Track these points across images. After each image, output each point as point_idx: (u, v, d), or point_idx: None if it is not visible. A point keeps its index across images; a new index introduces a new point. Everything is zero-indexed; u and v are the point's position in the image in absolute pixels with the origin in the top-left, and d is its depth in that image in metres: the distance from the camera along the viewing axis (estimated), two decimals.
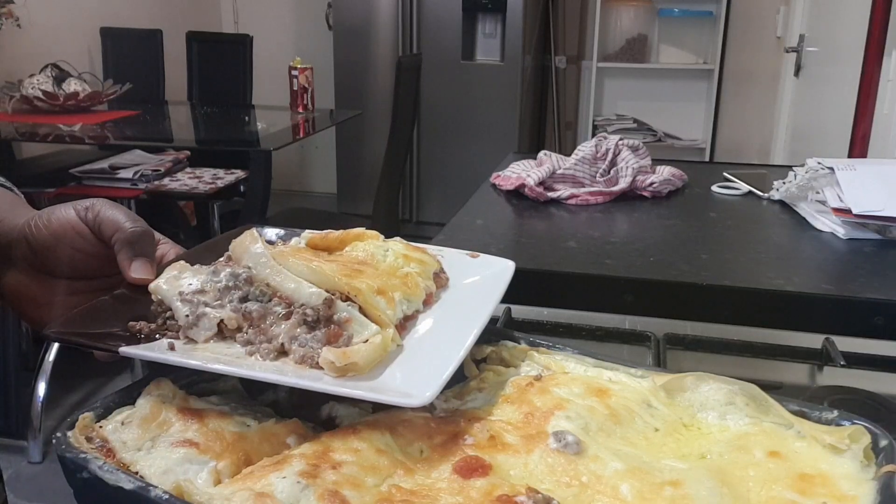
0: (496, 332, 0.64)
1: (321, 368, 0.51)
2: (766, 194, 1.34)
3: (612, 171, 1.35)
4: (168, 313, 0.55)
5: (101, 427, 0.49)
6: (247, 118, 3.52)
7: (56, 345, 2.28)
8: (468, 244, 0.76)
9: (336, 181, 4.37)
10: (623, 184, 1.33)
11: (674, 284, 0.96)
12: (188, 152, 3.12)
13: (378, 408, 0.54)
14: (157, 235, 0.63)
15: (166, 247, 0.63)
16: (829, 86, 2.73)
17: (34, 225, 0.60)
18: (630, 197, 1.34)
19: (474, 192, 1.38)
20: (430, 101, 4.04)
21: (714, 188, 1.40)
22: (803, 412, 0.53)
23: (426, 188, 4.25)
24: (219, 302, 0.55)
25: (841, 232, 1.12)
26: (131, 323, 0.54)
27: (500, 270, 0.67)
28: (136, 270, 0.58)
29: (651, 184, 1.34)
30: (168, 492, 0.43)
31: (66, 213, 0.60)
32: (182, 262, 0.59)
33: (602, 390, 0.55)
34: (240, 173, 3.03)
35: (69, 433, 0.48)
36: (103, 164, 2.90)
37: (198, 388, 0.55)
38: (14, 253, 0.62)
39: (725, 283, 0.96)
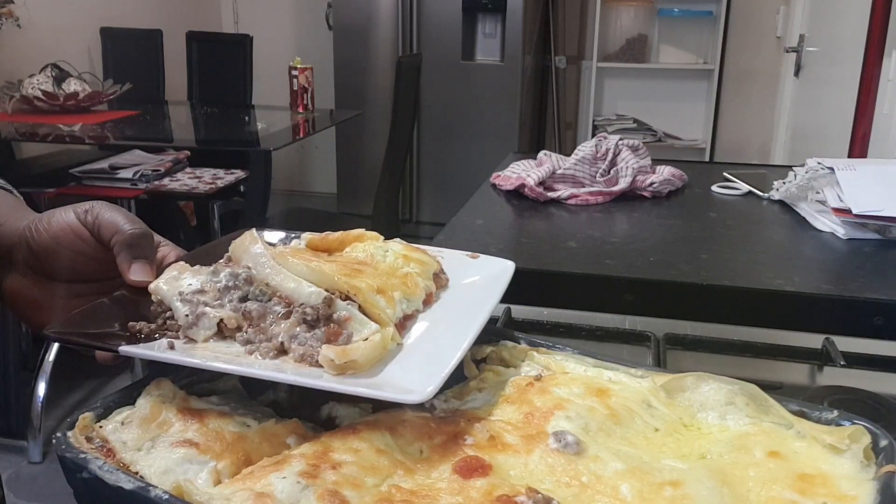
0: (496, 332, 0.64)
1: (321, 367, 0.51)
2: (766, 194, 1.34)
3: (612, 171, 1.35)
4: (168, 313, 0.55)
5: (101, 427, 0.49)
6: (247, 118, 3.52)
7: (56, 345, 2.28)
8: (468, 244, 0.76)
9: (336, 181, 4.36)
10: (623, 184, 1.33)
11: (674, 284, 0.96)
12: (188, 152, 3.12)
13: (378, 408, 0.54)
14: (157, 238, 0.63)
15: (166, 249, 0.63)
16: (829, 86, 2.73)
17: (35, 228, 0.60)
18: (630, 197, 1.34)
19: (474, 192, 1.38)
20: (430, 101, 4.03)
21: (714, 188, 1.40)
22: (803, 412, 0.52)
23: (426, 188, 4.25)
24: (218, 302, 0.55)
25: (841, 232, 1.12)
26: (131, 323, 0.54)
27: (500, 271, 0.67)
28: (136, 272, 0.58)
29: (651, 184, 1.34)
30: (168, 492, 0.43)
31: (66, 216, 0.60)
32: (182, 262, 0.59)
33: (602, 390, 0.55)
34: (240, 173, 3.03)
35: (69, 433, 0.48)
36: (103, 164, 2.90)
37: (198, 388, 0.55)
38: (15, 256, 0.62)
39: (725, 283, 0.96)
